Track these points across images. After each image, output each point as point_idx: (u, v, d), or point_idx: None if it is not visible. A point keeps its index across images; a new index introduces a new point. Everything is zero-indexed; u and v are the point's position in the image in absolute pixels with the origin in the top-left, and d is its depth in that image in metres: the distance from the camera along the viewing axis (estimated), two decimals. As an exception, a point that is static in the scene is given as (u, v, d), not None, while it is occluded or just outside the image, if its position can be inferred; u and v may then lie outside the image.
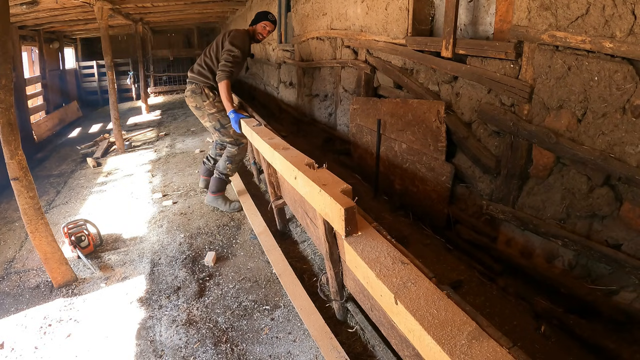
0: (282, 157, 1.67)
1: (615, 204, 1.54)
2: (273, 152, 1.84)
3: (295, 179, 1.50)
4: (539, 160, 1.81)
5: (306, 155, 1.66)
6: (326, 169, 1.53)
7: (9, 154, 1.91)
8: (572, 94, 1.59)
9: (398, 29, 2.64)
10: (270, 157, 1.96)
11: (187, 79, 2.95)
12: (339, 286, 1.70)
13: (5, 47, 1.85)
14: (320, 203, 1.32)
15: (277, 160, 1.79)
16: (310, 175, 1.44)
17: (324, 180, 1.37)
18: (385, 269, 0.99)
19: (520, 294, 1.85)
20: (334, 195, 1.20)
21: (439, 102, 2.29)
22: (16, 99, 2.27)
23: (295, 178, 1.50)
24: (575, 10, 1.50)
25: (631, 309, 1.51)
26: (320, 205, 1.32)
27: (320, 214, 1.39)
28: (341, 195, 1.21)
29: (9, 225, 3.08)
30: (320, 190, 1.30)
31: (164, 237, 2.71)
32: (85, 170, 4.45)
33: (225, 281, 2.19)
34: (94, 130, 6.83)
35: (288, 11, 5.13)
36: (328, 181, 1.36)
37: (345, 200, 1.18)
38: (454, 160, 2.31)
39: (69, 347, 1.78)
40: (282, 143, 1.96)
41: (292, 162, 1.56)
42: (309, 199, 1.44)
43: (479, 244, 2.18)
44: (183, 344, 1.76)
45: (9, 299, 2.14)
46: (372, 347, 1.65)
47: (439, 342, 0.76)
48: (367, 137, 3.08)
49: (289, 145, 1.91)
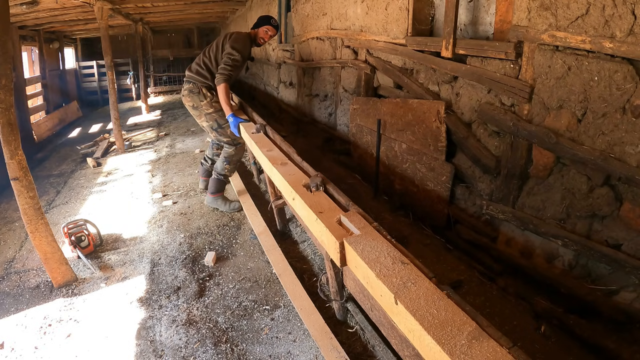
0: (280, 175, 1.68)
1: (615, 204, 1.54)
2: (271, 167, 1.86)
3: (294, 200, 1.52)
4: (539, 160, 1.81)
5: (303, 173, 1.67)
6: (323, 191, 1.55)
7: (9, 154, 1.91)
8: (572, 94, 1.59)
9: (398, 29, 2.64)
10: (269, 171, 1.98)
11: (185, 77, 2.95)
12: (339, 286, 1.70)
13: (5, 47, 1.85)
14: (316, 230, 1.34)
15: (276, 177, 1.82)
16: (308, 200, 1.45)
17: (320, 207, 1.39)
18: (385, 269, 0.99)
19: (520, 294, 1.85)
20: (329, 227, 1.22)
21: (439, 102, 2.29)
22: (16, 99, 2.27)
23: (294, 199, 1.52)
24: (575, 10, 1.50)
25: (631, 309, 1.51)
26: (317, 232, 1.34)
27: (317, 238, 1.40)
28: (337, 227, 1.22)
29: (9, 225, 3.08)
30: (316, 218, 1.32)
31: (164, 237, 2.71)
32: (85, 170, 4.45)
33: (225, 281, 2.19)
34: (94, 130, 6.83)
35: (288, 11, 5.13)
36: (324, 208, 1.38)
37: (341, 232, 1.18)
38: (454, 160, 2.31)
39: (69, 347, 1.78)
40: (280, 157, 1.95)
41: (289, 182, 1.57)
42: (307, 222, 1.46)
43: (479, 244, 2.18)
44: (183, 344, 1.76)
45: (9, 299, 2.14)
46: (372, 347, 1.65)
47: (439, 342, 0.76)
48: (367, 137, 3.08)
49: (286, 159, 1.91)
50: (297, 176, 1.64)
